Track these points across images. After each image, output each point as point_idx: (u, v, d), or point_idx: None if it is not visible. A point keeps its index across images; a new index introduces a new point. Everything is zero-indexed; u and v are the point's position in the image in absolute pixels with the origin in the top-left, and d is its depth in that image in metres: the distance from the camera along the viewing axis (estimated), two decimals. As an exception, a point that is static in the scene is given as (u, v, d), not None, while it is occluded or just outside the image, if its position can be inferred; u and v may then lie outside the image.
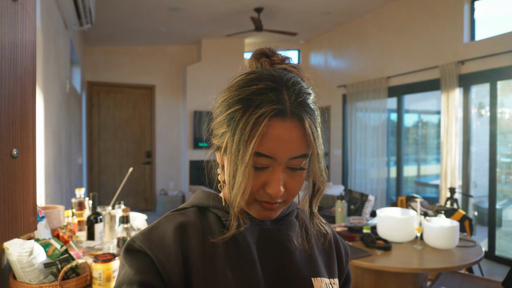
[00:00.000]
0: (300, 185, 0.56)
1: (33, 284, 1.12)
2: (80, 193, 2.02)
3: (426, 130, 6.41)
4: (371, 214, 3.28)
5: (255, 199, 0.56)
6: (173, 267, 0.53)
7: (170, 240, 0.55)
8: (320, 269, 0.64)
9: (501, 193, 4.53)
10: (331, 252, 0.70)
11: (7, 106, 0.40)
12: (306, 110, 0.53)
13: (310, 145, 0.54)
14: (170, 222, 0.58)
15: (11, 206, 0.40)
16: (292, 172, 0.55)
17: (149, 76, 6.40)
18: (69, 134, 3.63)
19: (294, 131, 0.52)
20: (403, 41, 4.91)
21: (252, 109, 0.51)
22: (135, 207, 6.13)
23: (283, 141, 0.52)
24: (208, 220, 0.61)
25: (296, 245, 0.63)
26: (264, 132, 0.51)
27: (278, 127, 0.51)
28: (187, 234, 0.57)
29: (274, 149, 0.52)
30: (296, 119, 0.53)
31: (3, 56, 0.39)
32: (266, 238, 0.61)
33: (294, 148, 0.53)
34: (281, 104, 0.52)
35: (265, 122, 0.51)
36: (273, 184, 0.53)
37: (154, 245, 0.54)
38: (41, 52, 2.15)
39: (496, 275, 3.50)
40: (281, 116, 0.52)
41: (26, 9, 0.42)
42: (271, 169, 0.53)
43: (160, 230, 0.57)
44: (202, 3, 4.52)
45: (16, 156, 0.41)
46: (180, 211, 0.62)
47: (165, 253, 0.54)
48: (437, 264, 1.92)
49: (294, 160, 0.54)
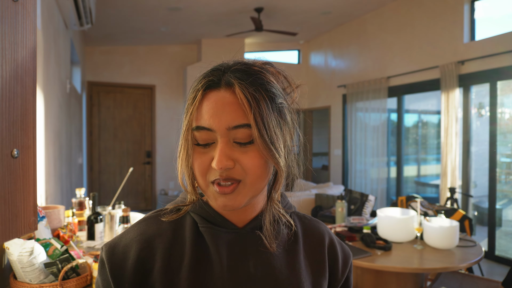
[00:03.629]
0: (256, 161, 0.52)
1: (34, 284, 1.12)
2: (80, 193, 2.02)
3: (426, 130, 6.40)
4: (371, 214, 3.28)
5: (210, 181, 0.53)
6: (124, 284, 0.54)
7: (132, 251, 0.55)
8: (303, 284, 0.58)
9: (501, 193, 4.53)
10: (322, 263, 0.63)
11: (8, 106, 0.40)
12: (239, 77, 0.52)
13: (248, 113, 0.50)
14: (140, 229, 0.58)
15: (11, 206, 0.41)
16: (242, 147, 0.52)
17: (149, 76, 6.40)
18: (69, 134, 3.64)
19: (228, 98, 0.52)
20: (403, 41, 4.91)
21: (193, 88, 0.54)
22: (135, 207, 6.13)
23: (218, 109, 0.51)
24: (184, 225, 0.59)
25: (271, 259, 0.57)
26: (199, 105, 0.53)
27: (212, 97, 0.52)
28: (153, 246, 0.56)
29: (209, 120, 0.52)
30: (229, 87, 0.52)
31: (3, 56, 0.39)
32: (243, 248, 0.57)
33: (230, 117, 0.51)
34: (217, 77, 0.53)
35: (200, 95, 0.53)
36: (217, 156, 0.51)
37: (114, 259, 0.55)
38: (42, 52, 2.16)
39: (496, 275, 3.50)
40: (215, 87, 0.53)
41: (26, 9, 0.42)
42: (215, 143, 0.52)
43: (128, 237, 0.57)
44: (202, 3, 4.52)
45: (16, 156, 0.41)
46: (157, 214, 0.61)
47: (121, 268, 0.54)
48: (437, 264, 1.92)
49: (236, 132, 0.51)
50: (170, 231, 0.58)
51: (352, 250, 2.08)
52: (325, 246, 0.65)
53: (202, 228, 0.58)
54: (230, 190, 0.52)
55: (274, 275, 0.57)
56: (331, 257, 0.65)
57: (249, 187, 0.53)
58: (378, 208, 4.75)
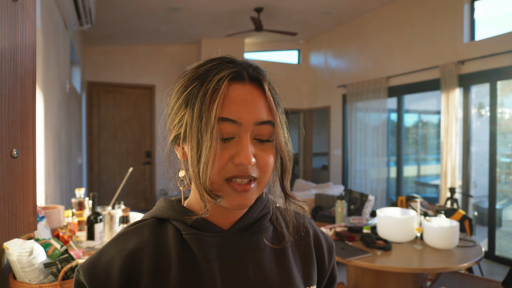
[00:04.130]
0: (271, 160, 0.53)
1: (33, 284, 1.12)
2: (80, 193, 2.02)
3: (426, 130, 6.40)
4: (371, 214, 3.29)
5: (225, 179, 0.51)
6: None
7: (114, 269, 0.51)
8: (295, 280, 0.58)
9: (501, 193, 4.53)
10: (310, 256, 0.64)
11: (7, 106, 0.40)
12: (264, 76, 0.53)
13: (272, 111, 0.52)
14: (120, 245, 0.54)
15: (11, 206, 0.40)
16: (260, 144, 0.52)
17: (149, 76, 6.40)
18: (69, 134, 3.63)
19: (255, 93, 0.52)
20: (403, 41, 4.91)
21: (210, 78, 0.50)
22: (135, 207, 6.12)
23: (246, 102, 0.50)
24: (166, 234, 0.56)
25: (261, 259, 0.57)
26: (225, 94, 0.50)
27: (239, 89, 0.51)
28: (137, 261, 0.52)
29: (238, 112, 0.50)
30: (255, 83, 0.52)
31: (3, 56, 0.39)
32: (231, 251, 0.56)
33: (258, 111, 0.51)
34: (239, 69, 0.52)
35: (225, 84, 0.50)
36: (243, 152, 0.49)
37: (96, 281, 0.51)
38: (41, 52, 2.15)
39: (496, 275, 3.50)
40: (240, 80, 0.51)
41: (26, 9, 0.42)
42: (237, 139, 0.50)
43: (108, 256, 0.53)
44: (202, 3, 4.52)
45: (16, 156, 0.41)
46: (136, 227, 0.57)
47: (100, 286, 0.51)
48: (437, 264, 1.92)
49: (261, 128, 0.51)
50: (152, 243, 0.54)
51: (352, 250, 2.08)
52: (311, 239, 0.65)
53: (186, 236, 0.55)
54: (249, 188, 0.51)
55: (266, 276, 0.56)
56: (317, 248, 0.65)
57: (262, 185, 0.54)
58: (378, 208, 4.75)
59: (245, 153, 0.49)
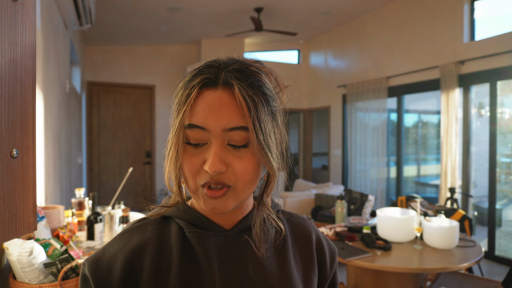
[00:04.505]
0: (249, 166, 0.51)
1: (33, 284, 1.12)
2: (80, 193, 2.02)
3: (426, 130, 6.41)
4: (371, 214, 3.29)
5: (201, 184, 0.51)
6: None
7: (117, 264, 0.53)
8: (294, 282, 0.58)
9: (501, 193, 4.53)
10: (310, 258, 0.64)
11: (7, 106, 0.40)
12: (238, 78, 0.50)
13: (246, 116, 0.49)
14: (123, 241, 0.56)
15: (11, 206, 0.40)
16: (236, 151, 0.50)
17: (149, 76, 6.40)
18: (69, 134, 3.63)
19: (226, 99, 0.50)
20: (403, 41, 4.91)
21: (187, 84, 0.52)
22: (135, 207, 6.12)
23: (214, 109, 0.49)
24: (169, 232, 0.58)
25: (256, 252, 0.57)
26: (193, 102, 0.50)
27: (209, 95, 0.50)
28: (139, 257, 0.54)
29: (204, 118, 0.49)
30: (228, 87, 0.50)
31: (3, 56, 0.39)
32: (232, 251, 0.57)
33: (227, 118, 0.49)
34: (214, 74, 0.51)
35: (195, 92, 0.50)
36: (209, 159, 0.49)
37: (99, 273, 0.53)
38: (41, 52, 2.15)
39: (496, 275, 3.50)
40: (212, 86, 0.50)
41: (26, 9, 0.42)
42: (208, 145, 0.51)
43: (112, 250, 0.55)
44: (202, 3, 4.52)
45: (16, 156, 0.41)
46: (140, 224, 0.59)
47: (106, 282, 0.52)
48: (437, 264, 1.92)
49: (232, 134, 0.49)
50: (155, 240, 0.56)
51: (352, 250, 2.08)
52: (313, 243, 0.65)
53: (188, 234, 0.56)
54: (220, 194, 0.51)
55: (266, 276, 0.56)
56: (319, 253, 0.66)
57: (239, 193, 0.52)
58: (378, 208, 4.75)
59: (211, 161, 0.49)
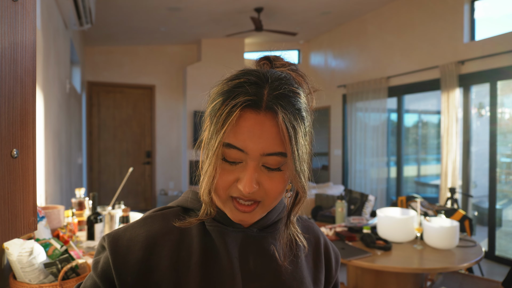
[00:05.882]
0: (280, 187, 0.53)
1: (33, 284, 1.12)
2: (80, 193, 2.02)
3: (426, 130, 6.41)
4: (371, 214, 3.29)
5: (230, 196, 0.54)
6: (125, 276, 0.53)
7: (137, 246, 0.55)
8: (305, 280, 0.62)
9: (501, 193, 4.53)
10: (319, 260, 0.67)
11: (7, 106, 0.40)
12: (282, 105, 0.50)
13: (285, 143, 0.50)
14: (146, 226, 0.57)
15: (11, 206, 0.40)
16: (269, 172, 0.52)
17: (149, 76, 6.40)
18: (69, 134, 3.63)
19: (268, 125, 0.50)
20: (403, 41, 4.91)
21: (229, 100, 0.50)
22: (135, 207, 6.13)
23: (255, 134, 0.50)
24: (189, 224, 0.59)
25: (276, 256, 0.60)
26: (235, 122, 0.49)
27: (251, 119, 0.50)
28: (159, 244, 0.56)
29: (244, 142, 0.50)
30: (270, 113, 0.50)
31: (3, 56, 0.39)
32: (250, 246, 0.60)
33: (267, 143, 0.50)
34: (257, 96, 0.50)
35: (237, 112, 0.49)
36: (244, 180, 0.50)
37: (118, 249, 0.54)
38: (41, 52, 2.15)
39: (496, 275, 3.50)
40: (255, 108, 0.50)
41: (26, 9, 0.42)
42: (244, 164, 0.51)
43: (133, 232, 0.56)
44: (202, 3, 4.52)
45: (16, 156, 0.41)
46: (162, 212, 0.60)
47: (124, 260, 0.53)
48: (437, 264, 1.91)
49: (269, 158, 0.51)
50: (177, 230, 0.58)
51: (352, 250, 2.08)
52: (322, 247, 0.69)
53: (209, 227, 0.59)
54: (250, 210, 0.54)
55: (280, 272, 0.60)
56: (326, 256, 0.69)
57: (267, 207, 0.55)
58: (378, 208, 4.75)
59: (246, 181, 0.50)
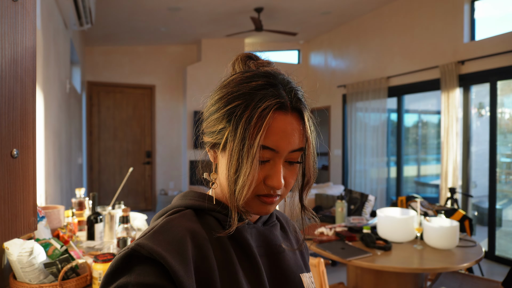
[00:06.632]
0: (294, 178, 0.59)
1: (33, 284, 1.12)
2: (80, 193, 2.02)
3: (426, 130, 6.41)
4: (371, 214, 3.28)
5: (256, 195, 0.56)
6: (188, 279, 0.48)
7: (184, 246, 0.50)
8: (302, 265, 0.68)
9: (501, 193, 4.54)
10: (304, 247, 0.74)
11: (7, 106, 0.40)
12: (304, 105, 0.57)
13: (307, 139, 0.57)
14: (179, 226, 0.53)
15: (11, 206, 0.40)
16: (289, 166, 0.57)
17: (149, 76, 6.40)
18: (69, 134, 3.63)
19: (295, 124, 0.55)
20: (403, 41, 4.91)
21: (255, 103, 0.53)
22: (135, 207, 6.13)
23: (286, 134, 0.54)
24: (209, 225, 0.58)
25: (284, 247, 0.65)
26: (269, 124, 0.53)
27: (281, 120, 0.54)
28: (199, 243, 0.53)
29: (278, 142, 0.53)
30: (297, 113, 0.56)
31: (3, 56, 0.39)
32: (262, 239, 0.63)
33: (294, 141, 0.55)
34: (283, 98, 0.54)
35: (270, 115, 0.52)
36: (276, 177, 0.54)
37: (168, 252, 0.48)
38: (41, 52, 2.15)
39: (496, 275, 3.50)
40: (283, 110, 0.54)
41: (26, 9, 0.42)
42: (272, 162, 0.55)
43: (170, 235, 0.51)
44: (202, 3, 4.52)
45: (16, 156, 0.41)
46: (180, 214, 0.57)
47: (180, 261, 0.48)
48: (437, 264, 1.91)
49: (293, 154, 0.56)
50: (201, 227, 0.57)
51: (352, 250, 2.08)
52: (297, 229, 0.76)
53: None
54: (276, 201, 0.58)
55: (289, 260, 0.65)
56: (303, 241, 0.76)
57: (282, 197, 0.60)
58: (378, 208, 4.75)
59: (278, 178, 0.54)
